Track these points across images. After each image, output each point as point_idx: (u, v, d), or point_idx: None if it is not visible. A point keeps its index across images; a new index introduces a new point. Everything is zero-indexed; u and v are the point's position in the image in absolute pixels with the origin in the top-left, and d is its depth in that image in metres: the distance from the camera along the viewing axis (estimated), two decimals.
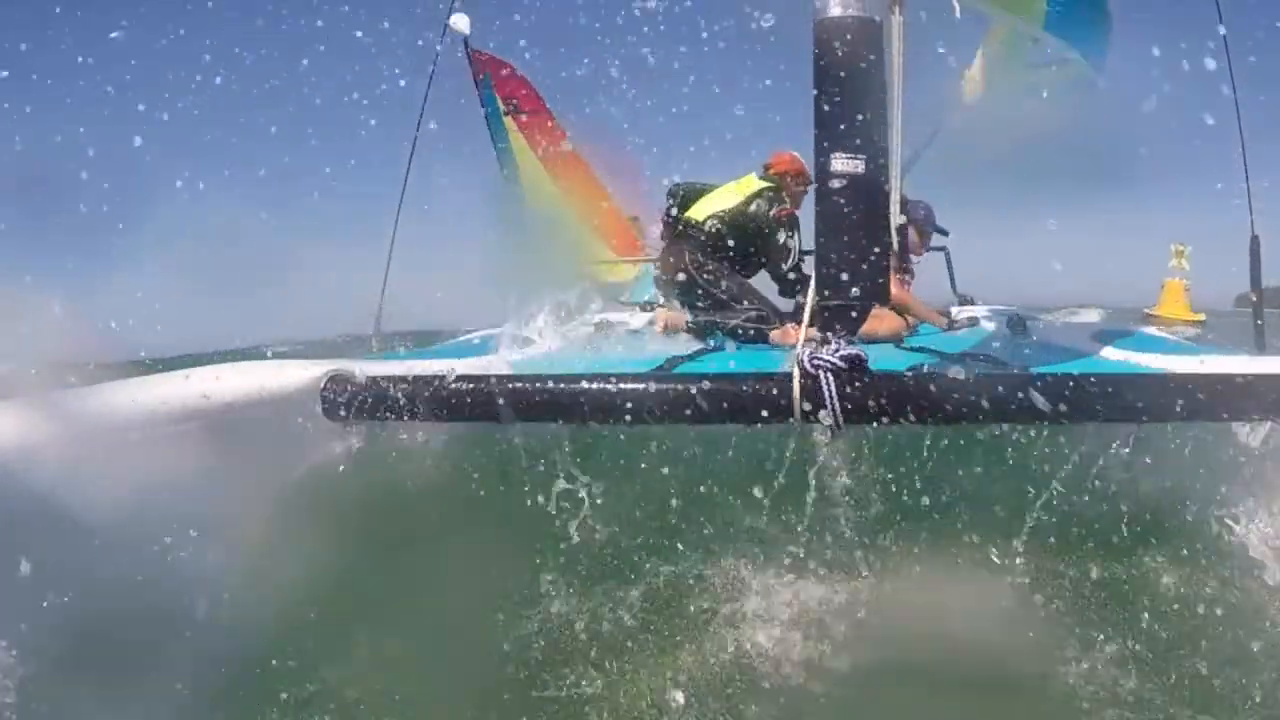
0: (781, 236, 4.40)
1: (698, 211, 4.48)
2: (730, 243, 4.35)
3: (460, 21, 5.02)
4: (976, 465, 2.36)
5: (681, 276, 4.35)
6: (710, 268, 4.33)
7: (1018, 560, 2.18)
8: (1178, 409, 1.90)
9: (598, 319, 4.85)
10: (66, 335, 2.03)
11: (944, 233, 5.35)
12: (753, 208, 4.41)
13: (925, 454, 2.35)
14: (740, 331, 4.14)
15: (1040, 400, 1.88)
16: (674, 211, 4.61)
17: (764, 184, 4.50)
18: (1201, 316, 13.10)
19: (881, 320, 3.97)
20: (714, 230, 4.36)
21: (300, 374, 2.17)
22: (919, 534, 2.34)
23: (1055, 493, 2.11)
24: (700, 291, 4.32)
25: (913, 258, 5.16)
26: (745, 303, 4.27)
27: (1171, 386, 1.94)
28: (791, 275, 4.44)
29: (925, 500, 2.29)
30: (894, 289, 4.07)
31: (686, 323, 4.27)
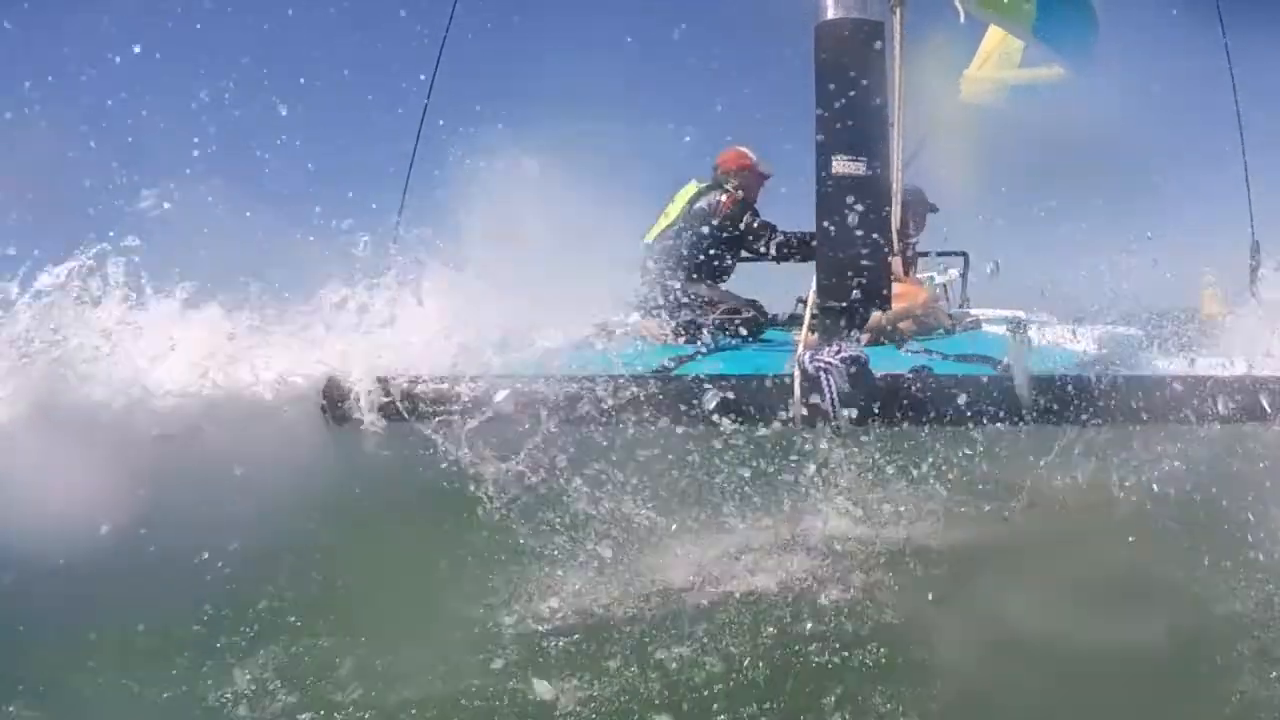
0: (742, 221, 4.46)
1: (649, 234, 4.59)
2: (693, 252, 4.42)
3: None
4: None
5: (659, 299, 4.43)
6: (679, 284, 4.38)
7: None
8: (1179, 410, 1.90)
9: (598, 319, 4.86)
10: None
11: (934, 209, 5.38)
12: (698, 208, 4.47)
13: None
14: (727, 329, 4.19)
15: (1039, 402, 1.89)
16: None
17: (702, 185, 4.56)
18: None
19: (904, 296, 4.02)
20: (668, 248, 4.43)
21: (300, 374, 2.17)
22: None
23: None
24: (676, 305, 4.39)
25: (910, 238, 5.14)
26: (717, 302, 4.35)
27: (1173, 388, 1.94)
28: (781, 243, 4.47)
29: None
30: (898, 271, 4.06)
31: (673, 326, 4.32)
